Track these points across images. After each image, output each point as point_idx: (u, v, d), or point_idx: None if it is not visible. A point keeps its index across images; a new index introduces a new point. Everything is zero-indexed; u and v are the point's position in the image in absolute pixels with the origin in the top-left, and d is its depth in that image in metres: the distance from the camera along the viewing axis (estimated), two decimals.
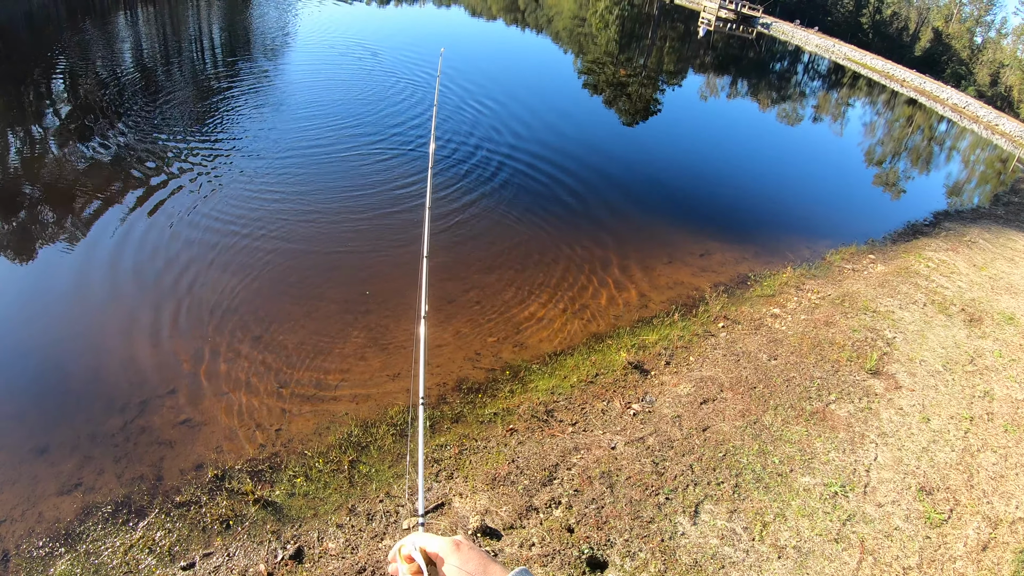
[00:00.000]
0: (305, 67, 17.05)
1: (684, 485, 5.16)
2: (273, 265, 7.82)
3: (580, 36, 35.68)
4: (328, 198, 9.61)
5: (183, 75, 14.99)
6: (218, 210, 8.70)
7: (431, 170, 4.16)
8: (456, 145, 12.54)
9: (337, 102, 14.05)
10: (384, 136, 12.27)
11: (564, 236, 9.89)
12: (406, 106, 14.40)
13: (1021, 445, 6.81)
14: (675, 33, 49.59)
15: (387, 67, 17.83)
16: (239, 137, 11.23)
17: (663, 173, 14.23)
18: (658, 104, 22.91)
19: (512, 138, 13.63)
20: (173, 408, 5.68)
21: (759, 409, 6.32)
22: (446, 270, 8.30)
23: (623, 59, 30.78)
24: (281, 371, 6.28)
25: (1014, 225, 16.53)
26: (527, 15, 40.51)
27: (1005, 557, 5.24)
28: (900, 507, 5.44)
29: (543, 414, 5.91)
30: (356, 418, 5.82)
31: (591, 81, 23.72)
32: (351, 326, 7.03)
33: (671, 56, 36.70)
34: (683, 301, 8.76)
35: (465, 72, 18.68)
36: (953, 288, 10.53)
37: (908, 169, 24.42)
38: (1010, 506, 5.86)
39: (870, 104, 41.95)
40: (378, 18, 28.64)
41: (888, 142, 28.99)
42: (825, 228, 13.12)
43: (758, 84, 35.00)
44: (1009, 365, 8.41)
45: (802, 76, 48.47)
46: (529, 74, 22.55)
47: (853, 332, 8.18)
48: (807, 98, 36.11)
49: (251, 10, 25.21)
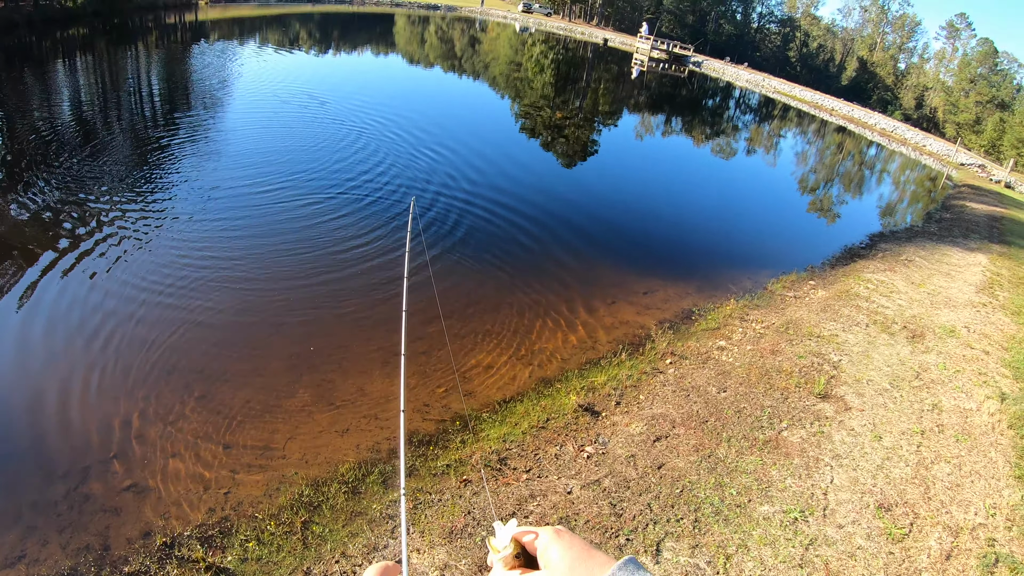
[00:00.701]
0: (247, 117, 17.33)
1: (644, 524, 5.27)
2: (217, 324, 7.81)
3: (516, 81, 36.67)
4: (272, 251, 9.67)
5: (119, 127, 15.06)
6: (153, 270, 8.67)
7: (406, 275, 4.26)
8: (388, 187, 12.73)
9: (281, 153, 14.25)
10: (333, 189, 12.45)
11: (506, 283, 10.10)
12: (357, 159, 14.76)
13: (974, 453, 7.14)
14: (609, 74, 51.34)
15: (334, 115, 18.33)
16: (175, 194, 11.22)
17: (602, 214, 14.65)
18: (595, 145, 23.66)
19: (450, 183, 13.94)
20: (117, 473, 5.58)
21: (712, 442, 6.50)
22: (392, 322, 8.39)
23: (559, 102, 31.71)
24: (227, 431, 6.24)
25: (947, 241, 17.40)
26: (464, 61, 41.58)
27: (969, 563, 5.46)
28: (861, 526, 5.64)
29: (496, 463, 5.98)
30: (306, 477, 5.80)
31: (528, 125, 24.36)
32: (297, 383, 7.04)
33: (606, 97, 37.97)
34: (630, 340, 9.00)
35: (412, 119, 19.42)
36: (893, 307, 11.03)
37: (842, 194, 25.55)
38: (969, 513, 6.12)
39: (801, 134, 43.82)
40: (319, 67, 29.16)
41: (821, 169, 30.30)
42: (765, 258, 13.65)
43: (692, 120, 36.38)
44: (954, 376, 8.83)
45: (734, 111, 50.45)
46: (469, 119, 23.11)
47: (799, 358, 8.50)
48: (740, 132, 37.62)
49: (191, 59, 25.42)
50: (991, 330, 10.87)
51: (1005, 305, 12.45)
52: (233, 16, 47.60)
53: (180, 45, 30.38)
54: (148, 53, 26.50)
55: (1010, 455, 7.23)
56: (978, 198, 27.89)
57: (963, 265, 15.06)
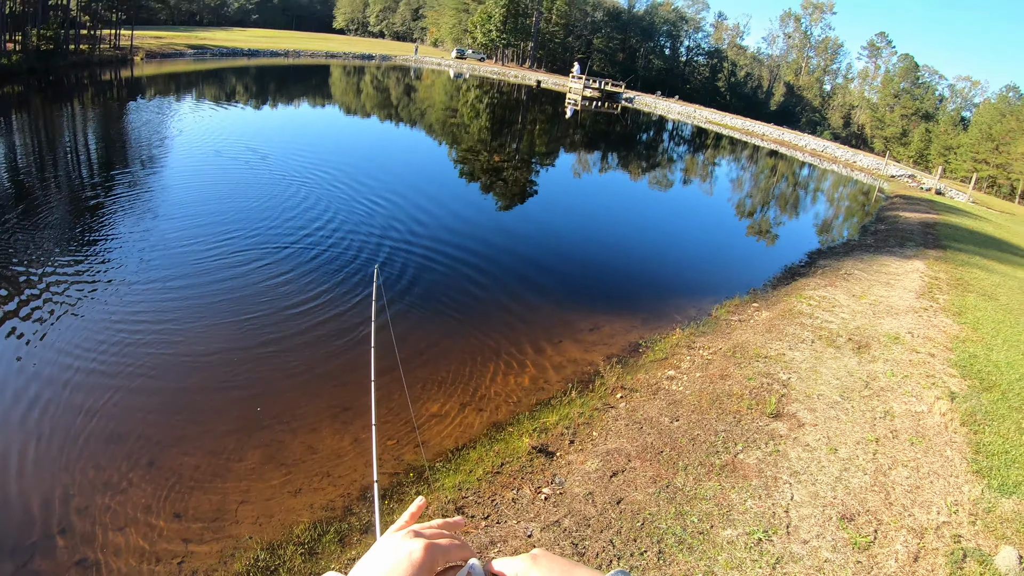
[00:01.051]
0: (185, 174, 17.18)
1: (607, 561, 5.24)
2: (158, 388, 7.63)
3: (453, 127, 37.12)
4: (213, 310, 9.51)
5: (54, 187, 14.70)
6: (88, 336, 8.42)
7: (373, 343, 4.23)
8: (331, 239, 12.65)
9: (222, 211, 14.08)
10: (275, 245, 12.36)
11: (454, 330, 10.10)
12: (300, 213, 14.76)
13: (930, 454, 7.30)
14: (544, 115, 52.35)
15: (276, 168, 18.38)
16: (111, 257, 10.97)
17: (544, 254, 14.80)
18: (534, 186, 24.01)
19: (395, 232, 13.90)
20: (67, 548, 5.35)
21: (669, 472, 6.53)
22: (338, 377, 8.32)
23: (496, 145, 32.17)
24: (176, 498, 6.05)
25: (884, 251, 17.99)
26: (400, 110, 41.95)
27: (938, 562, 5.54)
28: (825, 539, 5.69)
29: (453, 512, 5.90)
30: (261, 541, 5.65)
31: (467, 169, 24.63)
32: (245, 445, 6.90)
33: (542, 138, 38.69)
34: (579, 378, 9.04)
35: (354, 170, 19.72)
36: (837, 320, 11.32)
37: (779, 216, 26.30)
38: (931, 513, 6.23)
39: (735, 161, 45.10)
40: (257, 121, 29.07)
41: (756, 194, 31.17)
42: (708, 285, 13.93)
43: (628, 155, 37.22)
44: (903, 382, 9.06)
45: (668, 143, 51.81)
46: (409, 167, 23.19)
47: (749, 380, 8.64)
48: (676, 163, 38.63)
49: (128, 116, 25.16)
50: (935, 333, 11.21)
51: (946, 307, 12.87)
52: (169, 71, 47.36)
53: (116, 102, 30.07)
54: (84, 110, 26.22)
55: (966, 451, 7.41)
56: (911, 207, 28.96)
57: (901, 273, 15.56)
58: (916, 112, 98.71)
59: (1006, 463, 7.22)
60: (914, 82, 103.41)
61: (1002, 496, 6.60)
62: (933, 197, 37.71)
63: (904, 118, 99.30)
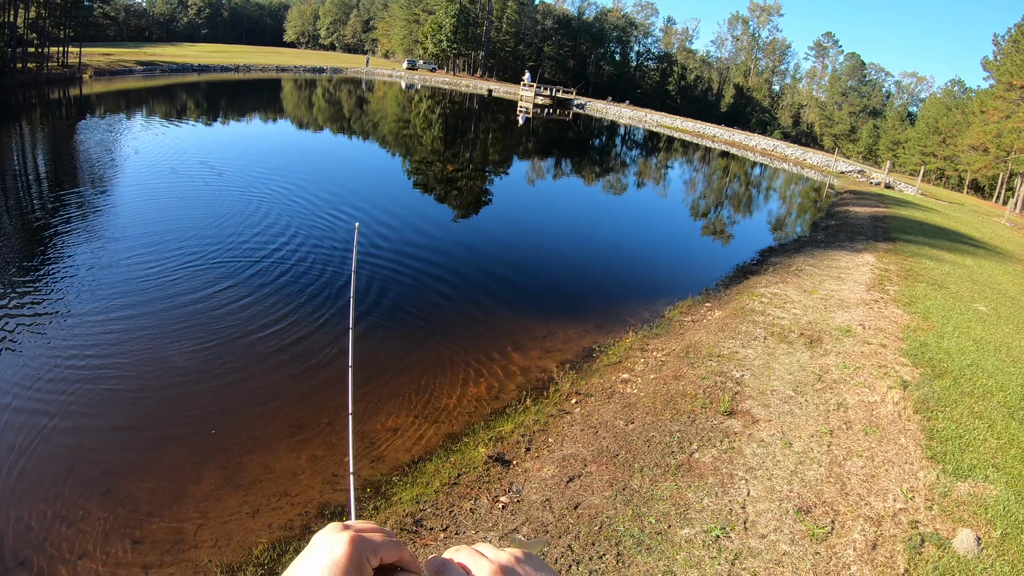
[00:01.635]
0: (139, 193, 16.79)
1: (566, 566, 5.25)
2: (111, 413, 7.49)
3: (406, 137, 37.03)
4: (166, 329, 9.32)
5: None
6: (34, 366, 8.14)
7: (352, 331, 4.18)
8: (283, 252, 12.51)
9: (180, 231, 13.77)
10: (236, 267, 12.14)
11: (404, 342, 10.05)
12: (258, 229, 14.55)
13: (884, 443, 7.46)
14: (497, 124, 52.51)
15: (232, 185, 18.13)
16: (58, 286, 10.59)
17: (496, 262, 14.78)
18: (488, 194, 24.06)
19: (346, 246, 13.82)
20: None
21: (625, 475, 6.58)
22: (294, 394, 8.26)
23: (450, 155, 32.21)
24: (135, 525, 5.92)
25: (835, 246, 18.40)
26: (352, 122, 41.69)
27: (896, 549, 5.66)
28: (783, 533, 5.78)
29: (412, 525, 5.88)
30: (220, 564, 5.55)
31: (421, 180, 24.58)
32: (202, 467, 6.78)
33: (495, 146, 38.83)
34: (533, 385, 9.07)
35: (311, 184, 19.59)
36: (789, 316, 11.53)
37: (732, 216, 26.74)
38: (888, 501, 6.37)
39: (687, 163, 45.75)
40: (210, 137, 28.62)
41: (709, 194, 31.65)
42: (661, 287, 14.09)
43: (581, 161, 37.51)
44: (855, 374, 9.25)
45: (621, 147, 52.30)
46: (364, 179, 23.06)
47: (702, 380, 8.75)
48: (628, 167, 39.00)
49: (78, 135, 24.60)
50: (885, 324, 11.47)
51: (896, 298, 13.19)
52: (119, 88, 46.32)
53: (66, 121, 29.37)
54: (33, 130, 25.55)
55: (919, 438, 7.59)
56: (860, 202, 29.65)
57: (852, 267, 15.92)
58: (864, 109, 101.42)
59: (960, 447, 7.41)
60: (861, 80, 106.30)
61: (957, 480, 6.77)
62: (883, 191, 38.69)
63: (852, 115, 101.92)
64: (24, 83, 39.79)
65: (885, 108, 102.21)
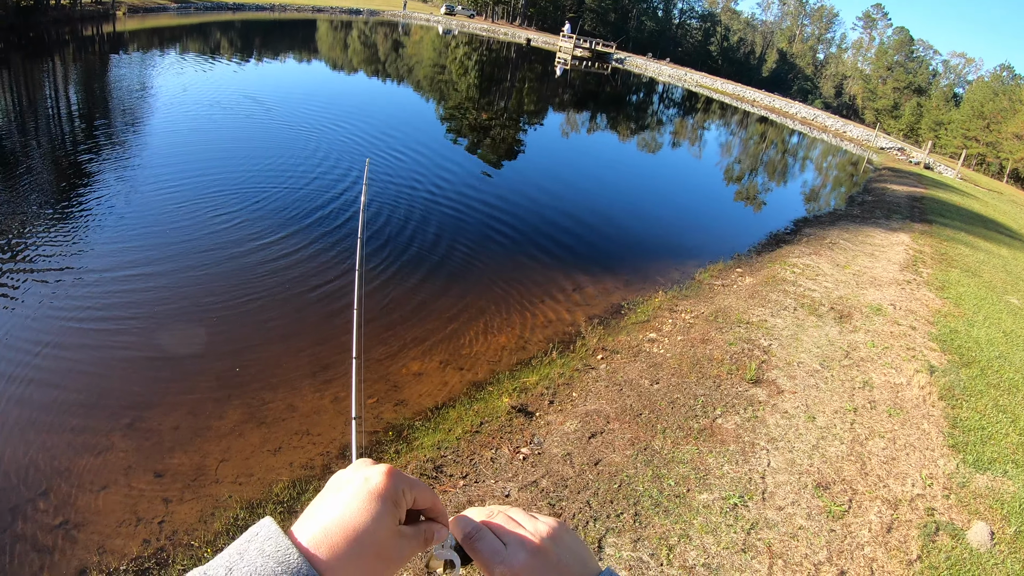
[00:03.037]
0: (187, 129, 16.74)
1: (584, 522, 5.25)
2: (139, 346, 7.49)
3: (441, 83, 36.57)
4: (196, 264, 9.30)
5: (37, 148, 14.16)
6: (72, 296, 8.19)
7: (359, 269, 4.12)
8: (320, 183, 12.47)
9: (223, 166, 13.75)
10: (257, 195, 12.09)
11: (432, 287, 9.99)
12: (303, 165, 14.53)
13: (907, 426, 7.37)
14: (533, 74, 51.77)
15: (284, 121, 18.15)
16: (106, 211, 10.62)
17: (527, 213, 14.60)
18: (521, 144, 23.70)
19: (391, 187, 13.74)
20: (47, 511, 5.27)
21: (648, 435, 6.54)
22: (320, 333, 8.23)
23: (484, 103, 31.77)
24: (157, 457, 5.97)
25: (870, 222, 18.06)
26: (388, 65, 41.21)
27: (911, 534, 5.61)
28: (800, 507, 5.74)
29: (432, 471, 5.89)
30: (241, 500, 5.59)
31: (454, 127, 24.26)
32: (226, 403, 6.80)
33: (531, 96, 38.27)
34: (560, 338, 9.01)
35: (361, 125, 19.36)
36: (820, 289, 11.35)
37: (766, 183, 26.30)
38: (906, 485, 6.30)
39: (725, 126, 44.93)
40: (246, 76, 28.32)
41: (745, 159, 31.11)
42: (692, 249, 13.91)
43: (617, 116, 36.94)
44: (883, 353, 9.12)
45: (658, 105, 51.52)
46: (407, 122, 22.83)
47: (730, 345, 8.65)
48: (665, 126, 38.40)
49: (114, 72, 24.50)
50: (917, 306, 11.28)
51: (929, 281, 12.95)
52: (152, 26, 45.87)
53: (98, 57, 29.17)
54: (66, 66, 25.39)
55: (942, 425, 7.49)
56: (898, 180, 29.05)
57: (886, 245, 15.63)
58: (909, 86, 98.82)
59: (982, 439, 7.31)
60: (908, 55, 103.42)
61: (977, 472, 6.69)
62: (921, 171, 37.88)
63: (896, 91, 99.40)
64: (57, 20, 39.27)
65: (930, 87, 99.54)
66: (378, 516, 0.81)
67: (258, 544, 0.75)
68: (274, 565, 0.72)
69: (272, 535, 0.76)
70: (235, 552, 0.74)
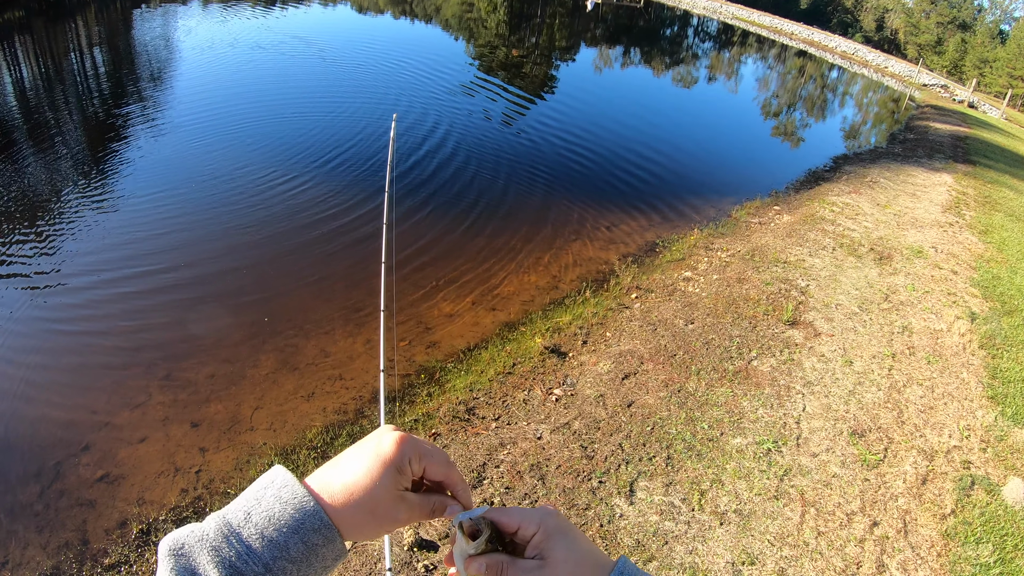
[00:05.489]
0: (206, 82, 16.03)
1: (616, 465, 5.15)
2: (174, 299, 7.46)
3: (469, 22, 35.70)
4: (226, 212, 9.24)
5: (66, 110, 13.77)
6: (106, 251, 8.16)
7: (384, 235, 3.94)
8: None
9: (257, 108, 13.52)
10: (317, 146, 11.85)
11: (461, 227, 9.78)
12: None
13: (945, 374, 7.14)
14: (564, 9, 50.26)
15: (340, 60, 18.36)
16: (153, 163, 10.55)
17: (558, 150, 14.22)
18: (553, 81, 23.07)
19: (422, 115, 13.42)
20: (89, 465, 5.33)
21: (682, 376, 6.38)
22: (351, 278, 8.11)
23: (515, 40, 30.96)
24: (194, 408, 6.00)
25: (912, 161, 17.45)
26: (415, 5, 40.24)
27: (945, 487, 5.45)
28: (835, 454, 5.59)
29: (464, 413, 5.81)
30: (275, 446, 5.61)
31: (485, 64, 23.66)
32: (259, 351, 6.77)
33: (562, 32, 37.25)
34: (593, 277, 8.81)
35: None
36: (860, 229, 10.99)
37: (805, 118, 25.51)
38: (943, 436, 6.12)
39: (762, 59, 43.61)
40: (278, 20, 27.62)
41: (783, 94, 30.18)
42: (728, 185, 13.52)
43: (650, 51, 35.91)
44: (923, 297, 8.82)
45: (693, 39, 50.04)
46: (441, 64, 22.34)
47: (766, 285, 8.40)
48: (700, 60, 37.32)
49: (136, 28, 23.90)
50: (959, 250, 10.90)
51: (972, 224, 12.50)
52: None
53: (122, 16, 28.48)
54: (88, 28, 24.77)
55: (982, 375, 7.25)
56: (941, 118, 28.03)
57: (928, 185, 15.09)
58: (953, 21, 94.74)
59: (1022, 392, 7.06)
60: None
61: (1015, 425, 6.47)
62: (965, 110, 36.50)
63: (940, 26, 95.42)
64: None
65: (976, 22, 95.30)
66: (379, 479, 0.86)
67: (274, 491, 0.83)
68: (292, 511, 0.81)
69: (288, 483, 0.84)
70: (252, 497, 0.83)
